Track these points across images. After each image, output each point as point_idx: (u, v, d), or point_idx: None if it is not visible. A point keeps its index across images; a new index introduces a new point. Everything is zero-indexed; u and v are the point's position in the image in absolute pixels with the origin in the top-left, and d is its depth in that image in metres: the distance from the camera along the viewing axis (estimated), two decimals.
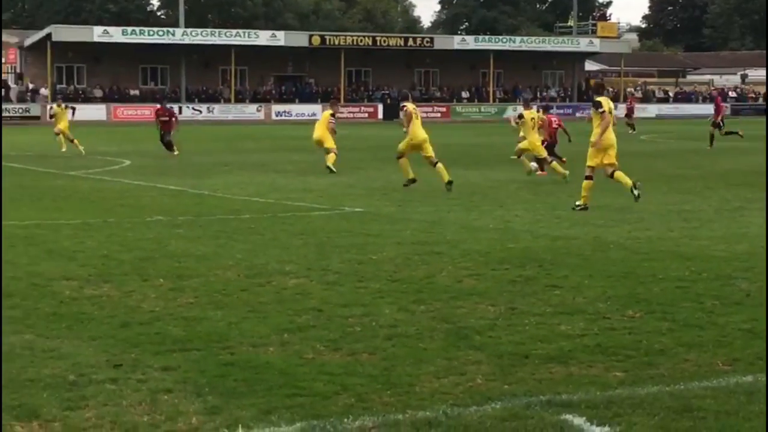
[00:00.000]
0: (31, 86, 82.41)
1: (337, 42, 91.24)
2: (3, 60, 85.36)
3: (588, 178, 20.68)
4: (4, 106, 75.47)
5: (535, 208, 20.69)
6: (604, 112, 20.68)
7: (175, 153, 38.46)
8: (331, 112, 31.64)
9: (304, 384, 8.33)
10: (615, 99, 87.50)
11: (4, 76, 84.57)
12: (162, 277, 13.02)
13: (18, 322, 10.53)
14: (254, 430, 7.28)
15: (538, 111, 29.51)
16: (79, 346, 9.59)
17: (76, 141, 41.01)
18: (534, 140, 28.07)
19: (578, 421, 7.44)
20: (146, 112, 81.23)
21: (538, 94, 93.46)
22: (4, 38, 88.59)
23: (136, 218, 19.34)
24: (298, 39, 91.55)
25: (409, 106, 25.68)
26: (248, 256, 14.78)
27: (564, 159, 30.41)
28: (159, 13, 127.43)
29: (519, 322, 10.55)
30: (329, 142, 30.63)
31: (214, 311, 11.10)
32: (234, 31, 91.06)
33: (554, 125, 32.16)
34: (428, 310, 11.13)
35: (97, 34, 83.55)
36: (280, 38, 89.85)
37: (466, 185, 25.70)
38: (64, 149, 41.28)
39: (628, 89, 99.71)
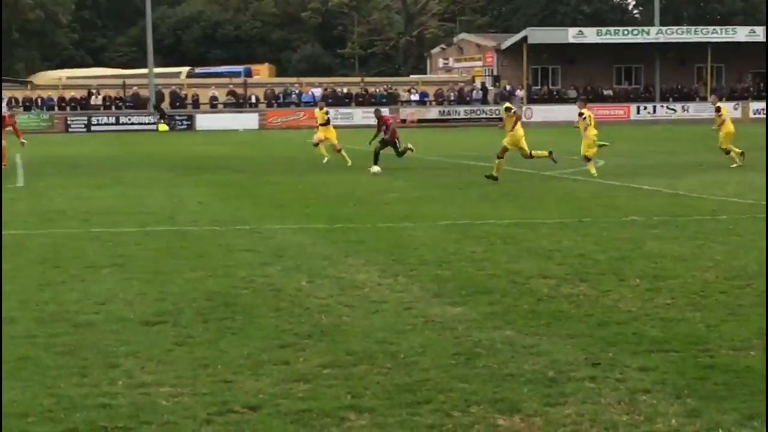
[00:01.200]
0: (507, 88, 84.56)
1: None
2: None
3: None
4: (483, 108, 79.01)
5: None
6: None
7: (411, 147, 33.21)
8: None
9: None
10: None
11: (482, 79, 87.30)
12: (638, 277, 13.01)
13: (498, 318, 10.85)
14: None
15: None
16: (557, 343, 9.75)
17: (319, 150, 36.40)
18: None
19: None
20: (620, 112, 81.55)
21: None
22: (483, 42, 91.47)
23: (611, 218, 19.40)
24: None
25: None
26: (727, 257, 14.48)
27: None
28: (634, 12, 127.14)
29: None
30: None
31: (693, 313, 10.97)
32: (711, 28, 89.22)
33: None
34: None
35: (572, 35, 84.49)
36: (760, 34, 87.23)
37: None
38: (326, 159, 35.97)
39: None
